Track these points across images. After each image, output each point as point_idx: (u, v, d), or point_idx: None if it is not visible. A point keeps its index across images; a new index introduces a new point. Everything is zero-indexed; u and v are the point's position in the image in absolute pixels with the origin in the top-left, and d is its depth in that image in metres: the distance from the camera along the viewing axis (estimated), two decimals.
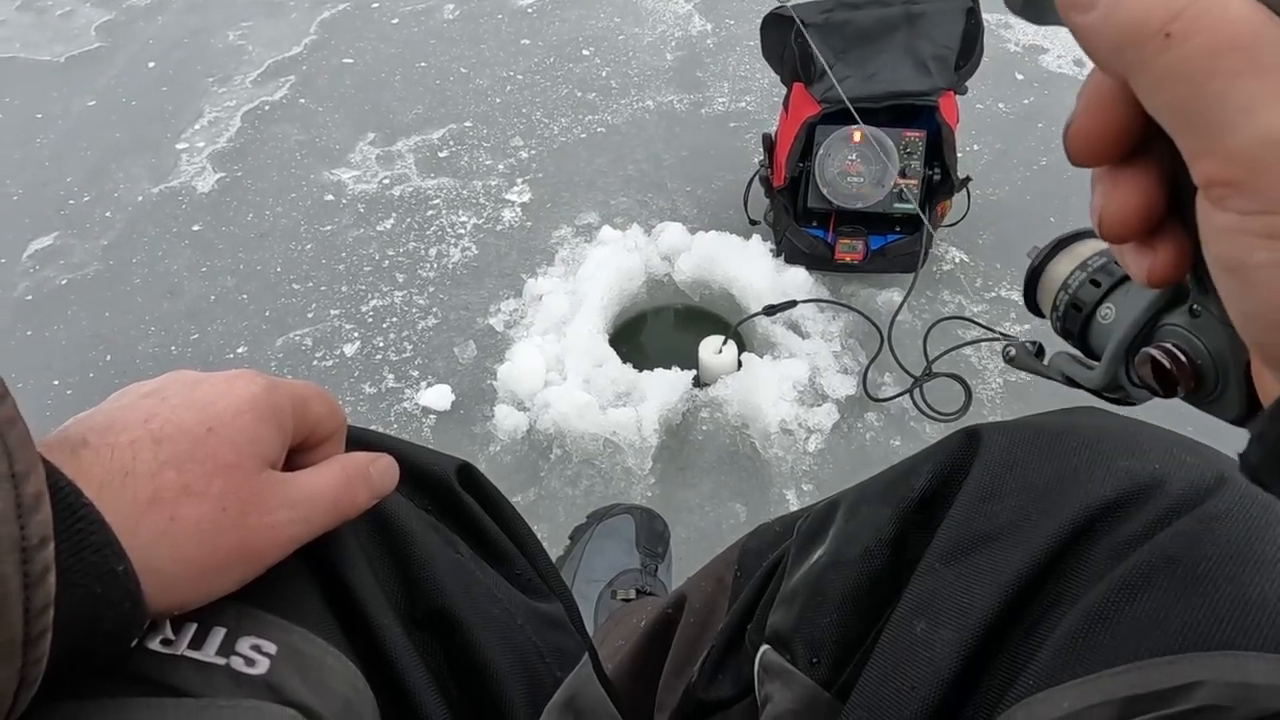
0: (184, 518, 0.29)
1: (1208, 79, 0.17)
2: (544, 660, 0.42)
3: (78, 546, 0.26)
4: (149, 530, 0.28)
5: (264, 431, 0.32)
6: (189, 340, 1.30)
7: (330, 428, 0.36)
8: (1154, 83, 0.19)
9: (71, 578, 0.25)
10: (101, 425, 0.29)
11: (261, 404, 0.32)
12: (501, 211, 1.47)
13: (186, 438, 0.30)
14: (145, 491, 0.28)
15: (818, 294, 1.27)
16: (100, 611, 0.26)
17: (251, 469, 0.31)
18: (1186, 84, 0.18)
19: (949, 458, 0.39)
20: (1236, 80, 0.17)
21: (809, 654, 0.40)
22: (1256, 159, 0.17)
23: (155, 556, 0.28)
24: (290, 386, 0.34)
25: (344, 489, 0.34)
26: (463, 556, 0.42)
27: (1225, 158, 0.18)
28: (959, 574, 0.36)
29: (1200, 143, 0.18)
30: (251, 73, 1.80)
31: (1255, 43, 0.17)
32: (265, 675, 0.31)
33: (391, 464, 0.37)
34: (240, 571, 0.31)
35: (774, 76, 1.66)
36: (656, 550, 0.89)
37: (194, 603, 0.30)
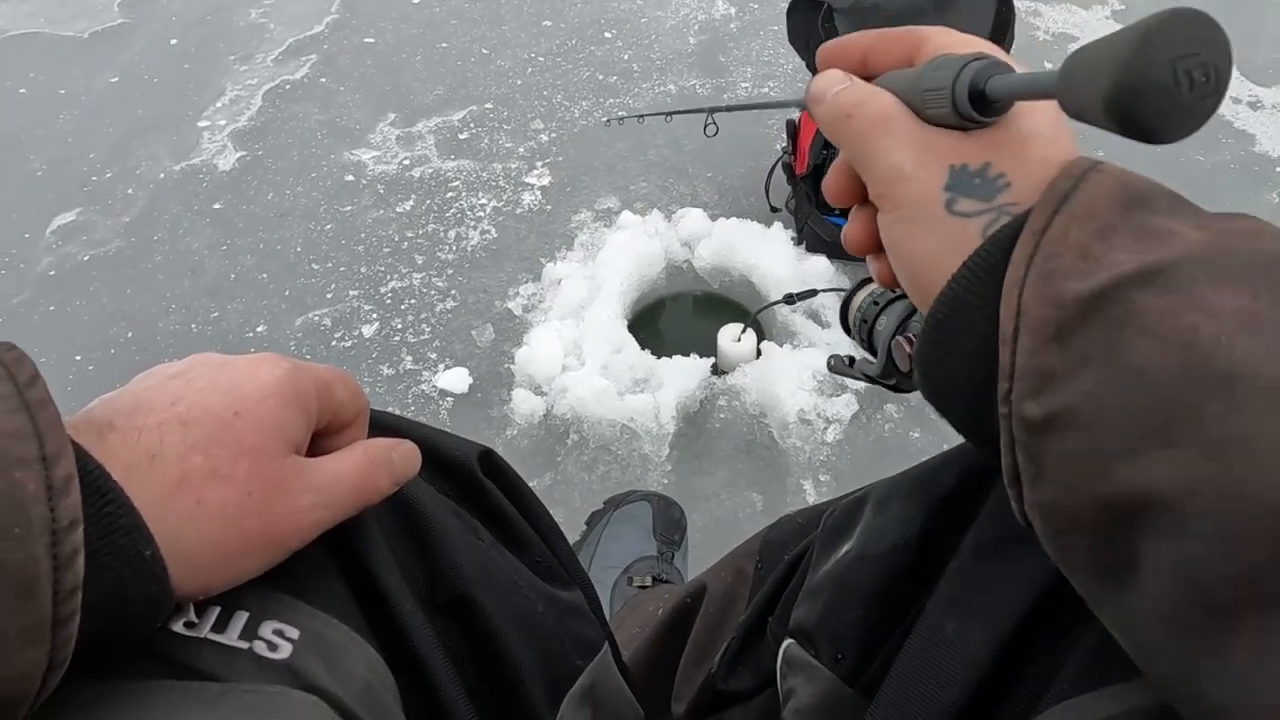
0: (210, 501, 0.29)
1: (867, 138, 0.32)
2: (564, 648, 0.41)
3: (106, 530, 0.26)
4: (176, 514, 0.28)
5: (289, 416, 0.31)
6: (209, 319, 1.30)
7: (353, 412, 0.36)
8: (844, 143, 0.34)
9: (100, 561, 0.25)
10: (128, 407, 0.29)
11: (286, 389, 0.31)
12: (521, 195, 1.46)
13: (213, 421, 0.29)
14: (173, 475, 0.28)
15: (839, 283, 1.26)
16: (128, 595, 0.26)
17: (276, 453, 0.31)
18: (859, 141, 0.33)
19: None
20: (881, 139, 0.32)
21: (834, 649, 0.39)
22: (889, 180, 0.32)
23: (182, 540, 0.28)
24: (314, 371, 0.34)
25: (366, 474, 0.34)
26: (484, 543, 0.41)
27: (876, 181, 0.32)
28: (991, 573, 0.35)
29: (867, 174, 0.33)
30: (273, 51, 1.80)
31: (892, 119, 0.32)
32: (288, 660, 0.31)
33: (413, 449, 0.37)
34: (264, 556, 0.31)
35: (798, 61, 1.64)
36: (673, 538, 0.89)
37: (218, 587, 0.30)
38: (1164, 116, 0.23)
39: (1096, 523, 0.25)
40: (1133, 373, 0.23)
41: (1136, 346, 0.23)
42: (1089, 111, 0.24)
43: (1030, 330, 0.26)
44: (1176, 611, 0.22)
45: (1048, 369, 0.25)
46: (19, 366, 0.25)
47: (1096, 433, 0.24)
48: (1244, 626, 0.21)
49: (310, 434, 0.34)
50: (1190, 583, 0.22)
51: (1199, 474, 0.22)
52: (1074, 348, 0.25)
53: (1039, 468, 0.26)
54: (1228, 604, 0.21)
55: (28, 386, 0.24)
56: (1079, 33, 1.82)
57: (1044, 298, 0.26)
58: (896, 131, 0.31)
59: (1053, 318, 0.25)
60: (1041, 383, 0.26)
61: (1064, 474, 0.25)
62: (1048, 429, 0.25)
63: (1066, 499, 0.25)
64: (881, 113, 0.32)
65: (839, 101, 0.33)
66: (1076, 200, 0.27)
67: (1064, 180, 0.28)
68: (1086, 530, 0.25)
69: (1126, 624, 0.25)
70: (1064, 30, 1.83)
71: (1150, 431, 0.23)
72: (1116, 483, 0.23)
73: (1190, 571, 0.22)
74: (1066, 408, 0.25)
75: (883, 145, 0.32)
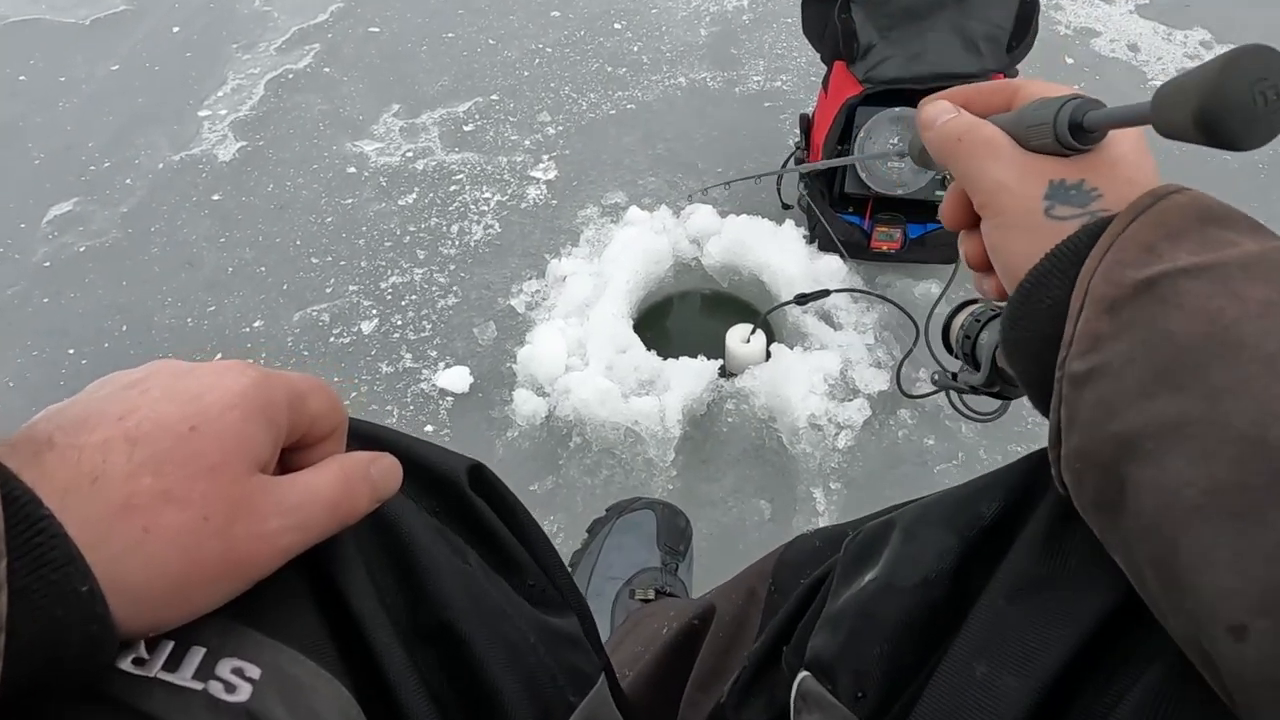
0: (161, 527, 0.25)
1: (975, 158, 0.38)
2: (556, 683, 0.38)
3: (35, 563, 0.23)
4: (119, 542, 0.25)
5: (253, 430, 0.28)
6: (205, 312, 1.27)
7: (329, 425, 0.32)
8: (954, 163, 0.39)
9: (29, 599, 0.22)
10: (72, 422, 0.26)
11: (252, 399, 0.28)
12: (526, 189, 1.43)
13: (166, 436, 0.26)
14: (116, 498, 0.25)
15: (852, 283, 1.22)
16: (63, 636, 0.23)
17: (239, 472, 0.28)
18: (967, 161, 0.38)
19: (1021, 482, 0.35)
20: (986, 158, 0.37)
21: (854, 686, 0.36)
22: (993, 192, 0.37)
23: (127, 571, 0.25)
24: (285, 380, 0.30)
25: (343, 492, 0.31)
26: (471, 566, 0.38)
27: (982, 192, 0.37)
28: (1025, 614, 0.32)
29: (975, 189, 0.38)
30: (276, 40, 1.77)
31: (997, 143, 0.37)
32: (246, 703, 0.28)
33: (394, 464, 0.34)
34: (226, 586, 0.28)
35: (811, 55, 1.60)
36: (678, 548, 0.85)
37: (173, 622, 0.27)
38: (1246, 128, 0.28)
39: (1104, 459, 0.28)
40: (1163, 336, 0.28)
41: (1171, 318, 0.28)
42: (1180, 129, 0.29)
43: (1090, 304, 0.30)
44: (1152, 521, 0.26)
45: (1097, 333, 0.30)
46: None
47: (1121, 380, 0.28)
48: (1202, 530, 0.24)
49: (279, 449, 0.30)
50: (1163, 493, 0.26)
51: (1192, 412, 0.26)
52: (1122, 317, 0.29)
53: (1073, 417, 0.30)
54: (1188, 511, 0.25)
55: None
56: (1101, 27, 1.77)
57: (1107, 280, 0.30)
58: (1001, 153, 0.37)
59: (1110, 294, 0.30)
60: (1090, 345, 0.30)
61: (1088, 416, 0.29)
62: (1086, 380, 0.29)
63: (1087, 441, 0.29)
64: (988, 137, 0.38)
65: (949, 128, 0.39)
66: (1153, 211, 0.31)
67: (1146, 198, 0.32)
68: (1097, 468, 0.29)
69: (1126, 553, 0.28)
70: (1086, 25, 1.78)
71: (1163, 379, 0.27)
72: (1126, 419, 0.27)
73: (1167, 483, 0.26)
74: (1104, 362, 0.29)
75: (989, 164, 0.37)
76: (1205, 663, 0.25)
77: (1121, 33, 1.76)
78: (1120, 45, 1.73)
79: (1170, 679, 0.28)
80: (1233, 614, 0.23)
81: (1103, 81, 1.65)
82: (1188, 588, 0.25)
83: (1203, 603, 0.24)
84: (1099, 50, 1.72)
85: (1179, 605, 0.26)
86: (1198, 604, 0.24)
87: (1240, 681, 0.23)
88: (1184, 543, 0.25)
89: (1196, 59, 1.70)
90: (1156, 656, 0.29)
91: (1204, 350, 0.26)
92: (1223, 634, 0.24)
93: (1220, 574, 0.24)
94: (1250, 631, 0.23)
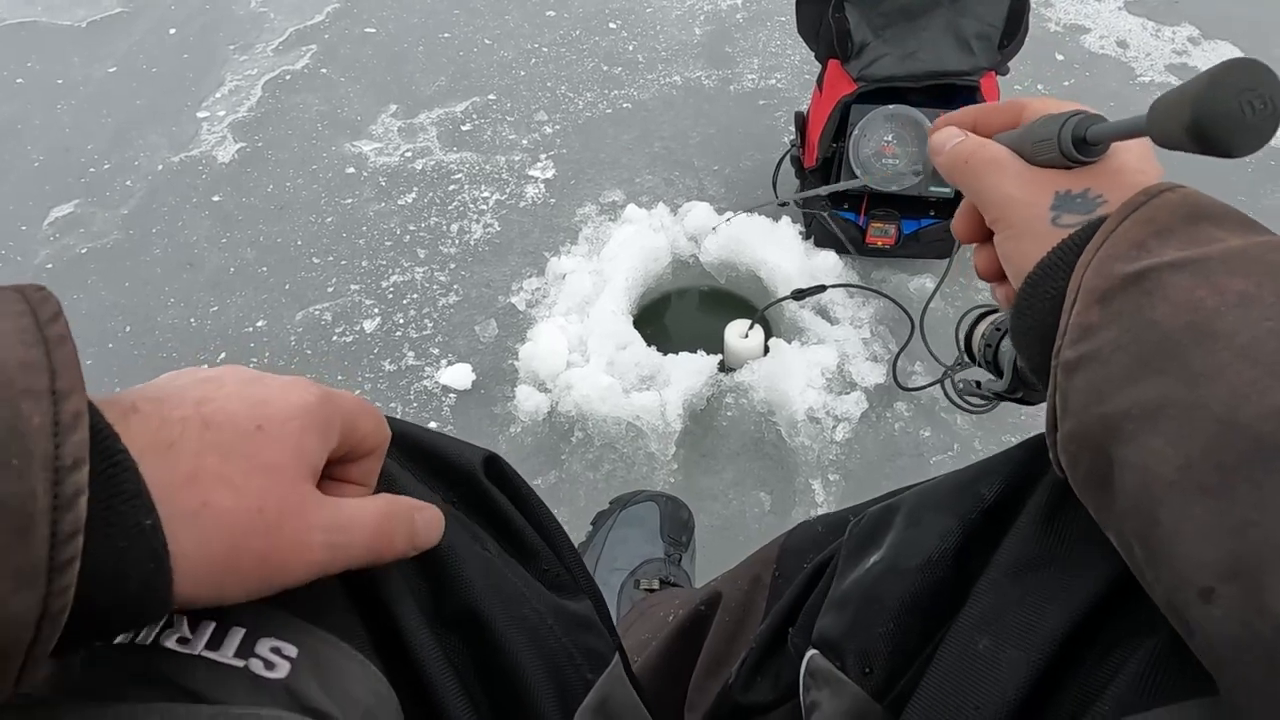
0: (216, 506, 0.27)
1: (984, 176, 0.40)
2: (574, 662, 0.40)
3: (108, 492, 0.24)
4: (180, 508, 0.26)
5: (310, 442, 0.30)
6: (208, 312, 1.28)
7: (374, 443, 0.34)
8: (964, 183, 0.41)
9: (96, 523, 0.24)
10: (154, 396, 0.28)
11: (313, 414, 0.30)
12: (524, 187, 1.44)
13: (235, 429, 0.28)
14: (185, 469, 0.27)
15: (848, 279, 1.24)
16: (124, 568, 0.25)
17: (294, 476, 0.29)
18: (976, 179, 0.40)
19: (1020, 467, 0.37)
20: (994, 175, 0.39)
21: (861, 663, 0.38)
22: (1003, 206, 0.39)
23: (181, 537, 0.26)
24: (342, 400, 0.32)
25: (383, 528, 0.32)
26: (490, 553, 0.40)
27: (992, 207, 0.40)
28: (1026, 591, 0.34)
29: (985, 204, 0.40)
30: (273, 41, 1.77)
31: (1003, 161, 0.40)
32: (285, 680, 0.29)
33: (438, 517, 0.35)
34: (256, 583, 0.29)
35: (805, 53, 1.62)
36: (681, 539, 0.87)
37: (201, 600, 0.28)
38: (1235, 136, 0.30)
39: (1094, 440, 0.30)
40: (1147, 325, 0.29)
41: (1156, 308, 0.30)
42: (1175, 139, 0.31)
43: (1083, 296, 0.32)
44: (1135, 497, 0.28)
45: (1088, 324, 0.31)
46: (43, 304, 0.24)
47: (1109, 366, 0.30)
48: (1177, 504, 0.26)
49: (325, 461, 0.32)
50: (1145, 471, 0.27)
51: (1173, 394, 0.27)
52: (1111, 308, 0.31)
53: (1066, 402, 0.32)
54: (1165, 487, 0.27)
55: (48, 323, 0.24)
56: (1090, 23, 1.79)
57: (1098, 273, 0.32)
58: (1008, 170, 0.39)
59: (1100, 286, 0.32)
60: (1081, 334, 0.32)
61: (1079, 402, 0.31)
62: (1077, 367, 0.31)
63: (1078, 425, 0.31)
64: (994, 156, 0.40)
65: (957, 151, 0.42)
66: (1144, 209, 0.33)
67: (1140, 196, 0.34)
68: (1088, 449, 0.30)
69: (1116, 528, 0.30)
70: (1075, 21, 1.80)
71: (1147, 364, 0.29)
72: (1114, 402, 0.29)
73: (1148, 462, 0.27)
74: (1094, 350, 0.31)
75: (996, 180, 0.39)
76: (1183, 627, 0.27)
77: (1111, 29, 1.78)
78: (1110, 42, 1.75)
79: (1164, 652, 0.29)
80: (1203, 579, 0.25)
81: (1093, 78, 1.67)
82: (1165, 556, 0.27)
83: (1177, 570, 0.26)
84: (1089, 47, 1.74)
85: (1159, 574, 0.27)
86: (1173, 572, 0.26)
87: (1208, 640, 0.25)
88: (1161, 515, 0.27)
89: (1185, 54, 1.72)
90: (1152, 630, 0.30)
91: (1185, 338, 0.28)
92: (1194, 598, 0.25)
93: (1192, 544, 0.26)
94: (1217, 594, 0.25)
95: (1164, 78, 1.67)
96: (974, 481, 0.38)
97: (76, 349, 0.24)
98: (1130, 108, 1.59)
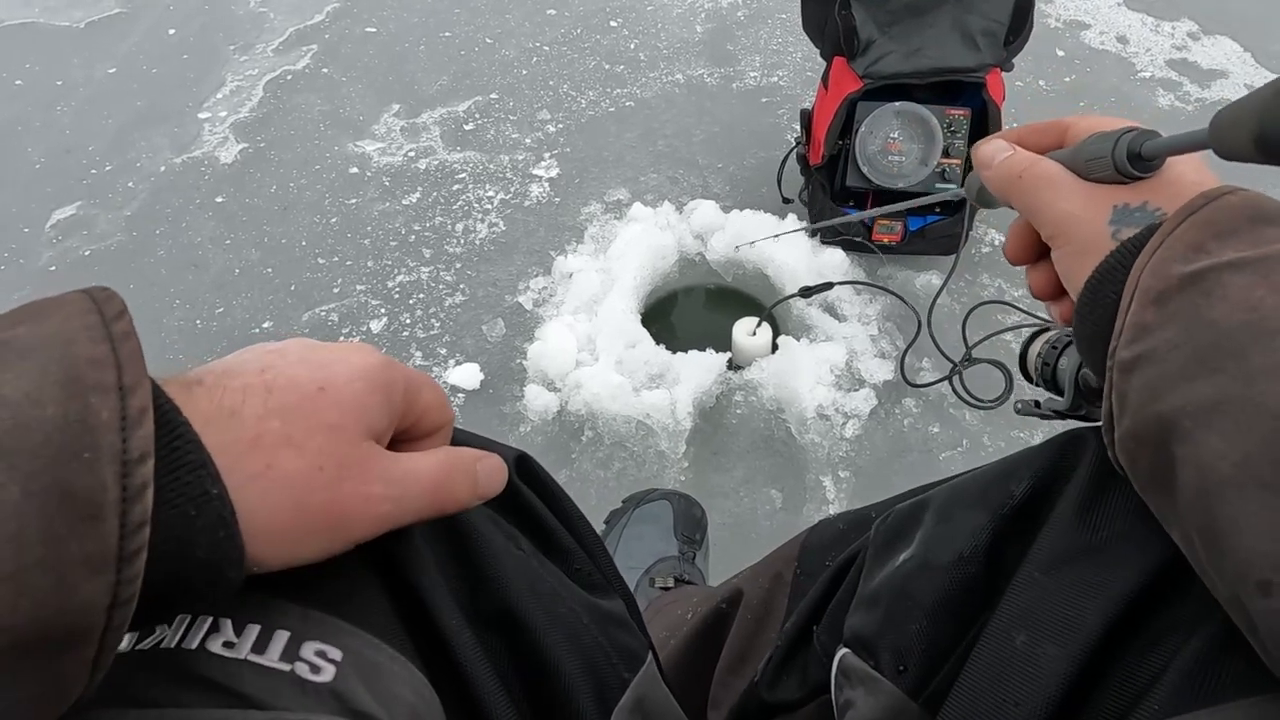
0: (280, 467, 0.28)
1: (1038, 193, 0.39)
2: (610, 661, 0.40)
3: (173, 465, 0.25)
4: (245, 472, 0.27)
5: (373, 402, 0.31)
6: (214, 314, 1.28)
7: (439, 420, 0.35)
8: (1016, 199, 0.41)
9: (164, 495, 0.25)
10: (219, 369, 0.29)
11: (375, 376, 0.31)
12: (529, 186, 1.44)
13: (297, 392, 0.29)
14: (248, 434, 0.28)
15: (854, 276, 1.24)
16: (194, 536, 0.25)
17: (354, 435, 0.30)
18: (1030, 196, 0.40)
19: (1051, 462, 0.37)
20: (1048, 191, 0.39)
21: (895, 661, 0.38)
22: (1061, 223, 0.38)
23: (247, 500, 0.27)
24: (405, 369, 0.33)
25: (445, 477, 0.33)
26: (525, 552, 0.40)
27: (1049, 224, 0.39)
28: (1062, 586, 0.34)
29: (1041, 222, 0.40)
30: (274, 41, 1.77)
31: (1057, 177, 0.39)
32: (331, 683, 0.29)
33: (500, 465, 0.36)
34: (325, 539, 0.30)
35: (807, 50, 1.62)
36: (694, 537, 0.87)
37: (273, 563, 0.29)
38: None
39: (1152, 438, 0.30)
40: (1205, 324, 0.29)
41: (1215, 308, 0.29)
42: (1241, 151, 0.31)
43: (1139, 296, 0.32)
44: (1194, 494, 0.28)
45: (1145, 324, 0.32)
46: (108, 303, 0.25)
47: (1165, 365, 0.30)
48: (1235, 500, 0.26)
49: (392, 428, 0.33)
50: (1202, 467, 0.28)
51: (1229, 391, 0.28)
52: (1169, 309, 0.31)
53: (1123, 403, 0.32)
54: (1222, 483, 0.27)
55: (114, 320, 0.25)
56: (1090, 19, 1.80)
57: (1154, 274, 0.32)
58: (1063, 186, 0.39)
59: (1157, 287, 0.32)
60: (1136, 334, 0.32)
61: (1136, 400, 0.31)
62: (1133, 367, 0.31)
63: (1136, 424, 0.31)
64: (1048, 172, 0.39)
65: (1009, 165, 0.41)
66: (1204, 212, 0.33)
67: (1199, 199, 0.33)
68: (1147, 447, 0.31)
69: (1179, 525, 0.30)
70: (1075, 17, 1.81)
71: (1204, 362, 0.29)
72: (1170, 400, 0.29)
73: (1205, 458, 0.28)
74: (1150, 349, 0.31)
75: (1052, 196, 0.39)
76: (1246, 623, 0.27)
77: (1110, 25, 1.79)
78: (1109, 37, 1.76)
79: (1214, 649, 0.29)
80: (1261, 572, 0.25)
81: (1093, 74, 1.67)
82: (1225, 551, 0.27)
83: (1238, 564, 0.26)
84: (1089, 42, 1.75)
85: (1220, 568, 0.27)
86: (1234, 565, 0.26)
87: (1271, 633, 0.25)
88: (1219, 511, 0.27)
89: (1184, 49, 1.73)
90: (1196, 627, 0.30)
91: (1243, 335, 0.28)
92: (1253, 591, 0.26)
93: (1250, 538, 0.26)
94: (1275, 586, 0.25)
95: (1164, 73, 1.67)
96: (1003, 478, 0.38)
97: (140, 346, 0.25)
98: (1131, 103, 1.60)
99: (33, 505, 0.22)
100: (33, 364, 0.23)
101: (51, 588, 0.22)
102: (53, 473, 0.22)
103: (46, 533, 0.22)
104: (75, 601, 0.22)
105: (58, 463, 0.22)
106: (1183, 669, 0.29)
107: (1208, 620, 0.30)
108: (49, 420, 0.22)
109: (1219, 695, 0.28)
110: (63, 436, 0.22)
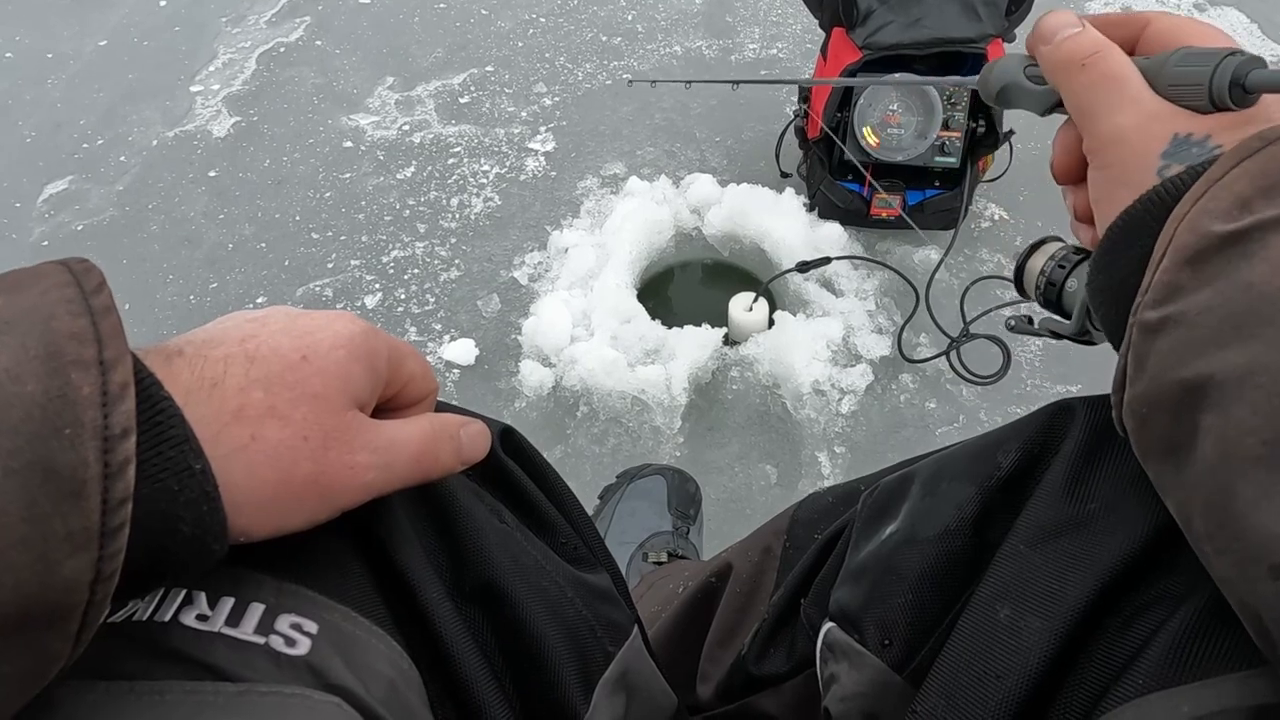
0: (264, 438, 0.28)
1: (1098, 91, 0.34)
2: (595, 635, 0.40)
3: (155, 440, 0.25)
4: (229, 443, 0.27)
5: (356, 370, 0.31)
6: (208, 289, 1.27)
7: (422, 390, 0.35)
8: (1070, 91, 0.35)
9: (147, 470, 0.24)
10: (199, 339, 0.29)
11: (359, 343, 0.31)
12: (525, 160, 1.43)
13: (280, 361, 0.29)
14: (230, 405, 0.27)
15: (852, 250, 1.23)
16: (177, 511, 0.25)
17: (338, 404, 0.30)
18: (1088, 92, 0.34)
19: (1039, 433, 0.36)
20: (1109, 95, 0.34)
21: (880, 635, 0.38)
22: (1108, 140, 0.34)
23: (232, 471, 0.27)
24: (389, 338, 0.33)
25: (429, 443, 0.33)
26: (508, 526, 0.39)
27: (1096, 136, 0.34)
28: (1047, 559, 0.33)
29: (1088, 127, 0.35)
30: (266, 12, 1.74)
31: (1127, 80, 0.34)
32: (306, 656, 0.29)
33: (484, 430, 0.36)
34: (312, 507, 0.30)
35: (806, 22, 1.59)
36: (688, 512, 0.87)
37: (260, 532, 0.29)
38: None
39: (1169, 404, 0.28)
40: (1242, 287, 0.27)
41: (1255, 270, 0.27)
42: None
43: (1172, 254, 0.29)
44: (1212, 466, 0.26)
45: (1176, 284, 0.29)
46: (86, 275, 0.25)
47: (1195, 329, 0.28)
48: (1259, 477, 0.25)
49: (376, 396, 0.33)
50: (1225, 440, 0.26)
51: (1262, 359, 0.26)
52: (1204, 272, 0.28)
53: (1141, 365, 0.29)
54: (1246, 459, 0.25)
55: (93, 293, 0.24)
56: None
57: (1192, 229, 0.29)
58: (1128, 92, 0.33)
59: (1193, 244, 0.29)
60: (1167, 295, 0.29)
61: (1158, 365, 0.29)
62: (1159, 329, 0.29)
63: (1152, 388, 0.29)
64: (1117, 68, 0.34)
65: (1075, 45, 0.34)
66: (1258, 158, 0.29)
67: (1255, 140, 0.29)
68: (1164, 412, 0.29)
69: (1184, 501, 0.28)
70: None
71: (1238, 328, 0.27)
72: (1196, 366, 0.27)
73: (1230, 431, 0.26)
74: (1179, 312, 0.28)
75: (1111, 102, 0.33)
76: (1243, 607, 0.26)
77: None
78: (1115, 7, 1.73)
79: (1196, 625, 0.29)
80: (1275, 556, 0.24)
81: None
82: (1238, 530, 0.25)
83: (1250, 544, 0.25)
84: (1093, 11, 1.71)
85: (1226, 547, 0.26)
86: (1245, 545, 0.25)
87: (1276, 617, 0.24)
88: (1239, 487, 0.25)
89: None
90: (1178, 601, 0.30)
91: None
92: (1264, 574, 0.24)
93: (1269, 518, 0.24)
94: None
95: None
96: (991, 449, 0.38)
97: (121, 319, 0.24)
98: None
99: (13, 483, 0.21)
100: (11, 339, 0.23)
101: (33, 565, 0.22)
102: (34, 450, 0.22)
103: (28, 510, 0.22)
104: (58, 578, 0.22)
105: (38, 439, 0.22)
106: (1168, 642, 0.29)
107: (1195, 594, 0.30)
108: (29, 396, 0.22)
109: (1207, 669, 0.28)
110: (43, 413, 0.22)
